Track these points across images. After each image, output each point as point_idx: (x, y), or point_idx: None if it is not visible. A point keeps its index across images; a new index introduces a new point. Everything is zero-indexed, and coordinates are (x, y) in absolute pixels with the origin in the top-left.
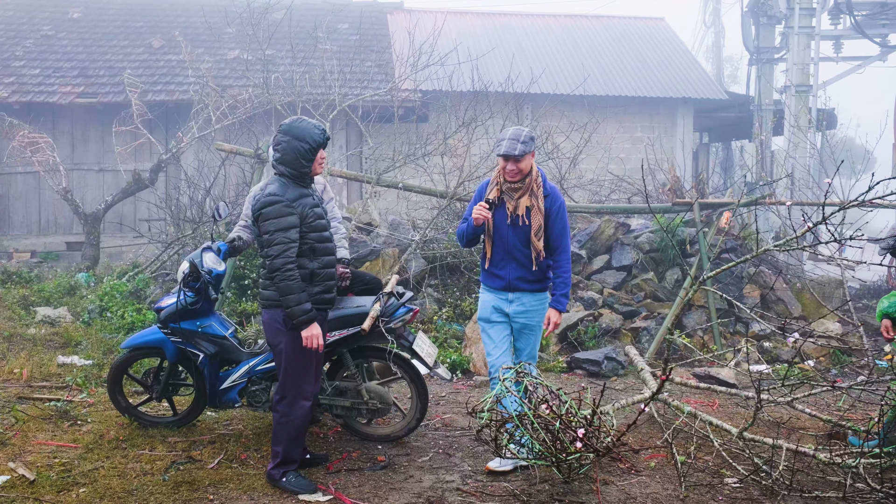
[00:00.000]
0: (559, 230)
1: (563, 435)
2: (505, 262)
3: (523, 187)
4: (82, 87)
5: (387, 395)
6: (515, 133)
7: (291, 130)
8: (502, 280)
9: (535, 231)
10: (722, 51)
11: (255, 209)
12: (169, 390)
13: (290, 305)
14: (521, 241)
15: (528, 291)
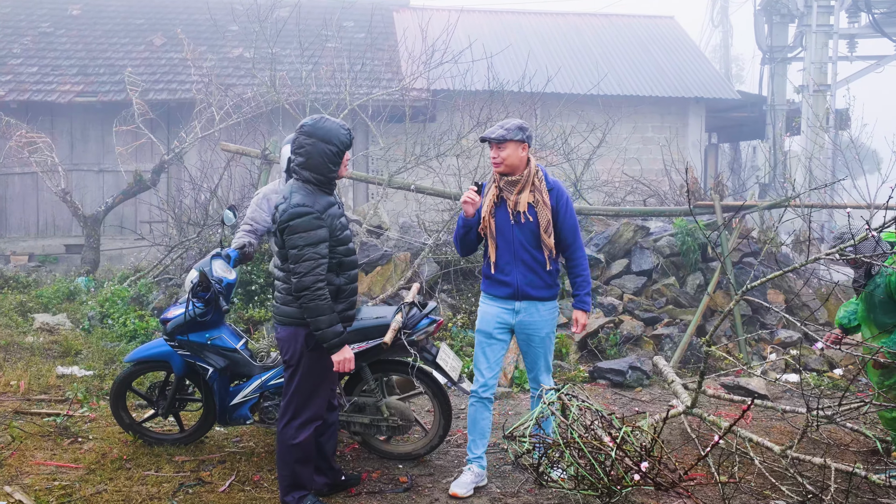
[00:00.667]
0: (570, 225)
1: (620, 465)
2: (511, 267)
3: (521, 181)
4: (82, 86)
5: (408, 411)
6: (503, 121)
7: (316, 132)
8: (509, 287)
9: (543, 227)
10: (730, 50)
11: (281, 221)
12: (175, 406)
13: (322, 328)
14: (527, 241)
15: (538, 300)
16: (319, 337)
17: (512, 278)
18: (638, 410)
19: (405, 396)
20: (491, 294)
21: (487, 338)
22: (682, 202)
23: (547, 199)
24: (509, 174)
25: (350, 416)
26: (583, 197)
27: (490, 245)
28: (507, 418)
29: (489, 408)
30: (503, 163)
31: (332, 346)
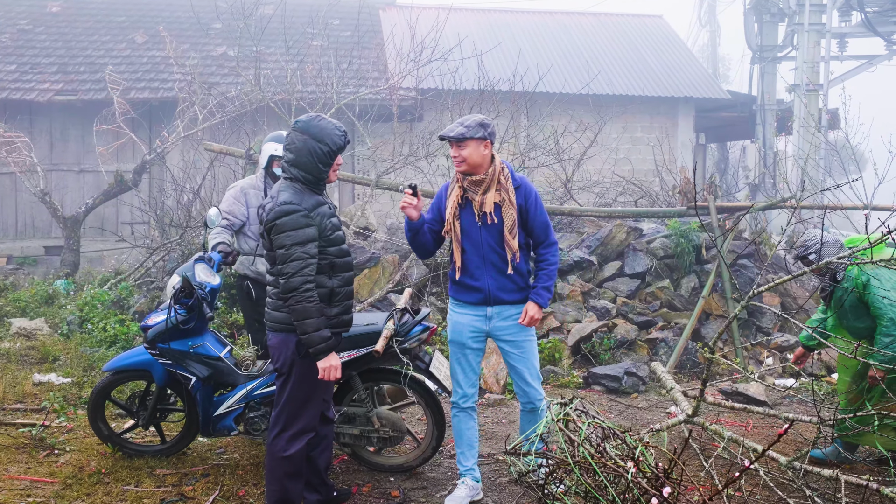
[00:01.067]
0: (542, 222)
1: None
2: (481, 271)
3: (486, 180)
4: (61, 84)
5: (400, 421)
6: (464, 117)
7: (309, 129)
8: (479, 292)
9: (508, 228)
10: (717, 50)
11: (268, 220)
12: (156, 416)
13: (308, 331)
14: (496, 243)
15: (510, 303)
16: (305, 341)
17: (482, 283)
18: (651, 427)
19: (397, 406)
20: (460, 300)
21: (461, 348)
22: (674, 203)
23: (514, 197)
24: (472, 173)
25: (339, 426)
26: (573, 198)
27: (455, 249)
28: (500, 426)
29: (473, 417)
30: (464, 162)
31: (318, 352)
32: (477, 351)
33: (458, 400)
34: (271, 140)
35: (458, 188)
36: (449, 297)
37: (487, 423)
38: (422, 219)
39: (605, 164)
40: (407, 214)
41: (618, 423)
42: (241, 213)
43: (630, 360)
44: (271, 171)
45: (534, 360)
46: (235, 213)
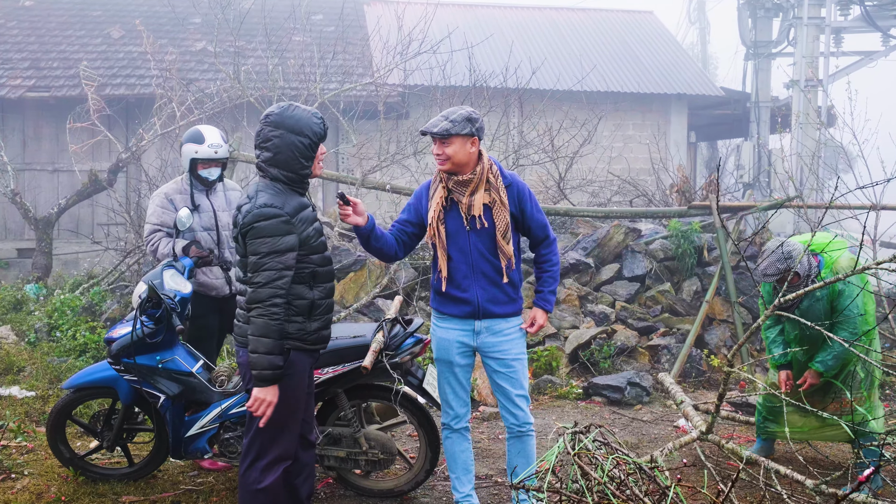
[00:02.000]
0: (540, 221)
1: None
2: (470, 281)
3: (473, 180)
4: (34, 80)
5: (390, 442)
6: (448, 110)
7: (284, 121)
8: (468, 305)
9: (501, 232)
10: (707, 47)
11: (244, 223)
12: (123, 437)
13: (258, 350)
14: (487, 249)
15: (501, 317)
16: (252, 362)
17: (471, 294)
18: (662, 447)
19: (386, 426)
20: (445, 314)
21: (449, 367)
22: (671, 202)
23: (505, 198)
24: (457, 173)
25: (324, 448)
26: (567, 198)
27: (441, 256)
28: (498, 443)
29: (467, 438)
30: (448, 160)
31: (261, 379)
32: (466, 367)
33: (449, 421)
34: (189, 141)
35: (441, 189)
36: (432, 310)
37: (483, 439)
38: (370, 222)
39: (599, 162)
40: (351, 224)
41: (624, 440)
42: (172, 220)
43: (631, 368)
44: (196, 173)
45: (524, 380)
46: (166, 222)
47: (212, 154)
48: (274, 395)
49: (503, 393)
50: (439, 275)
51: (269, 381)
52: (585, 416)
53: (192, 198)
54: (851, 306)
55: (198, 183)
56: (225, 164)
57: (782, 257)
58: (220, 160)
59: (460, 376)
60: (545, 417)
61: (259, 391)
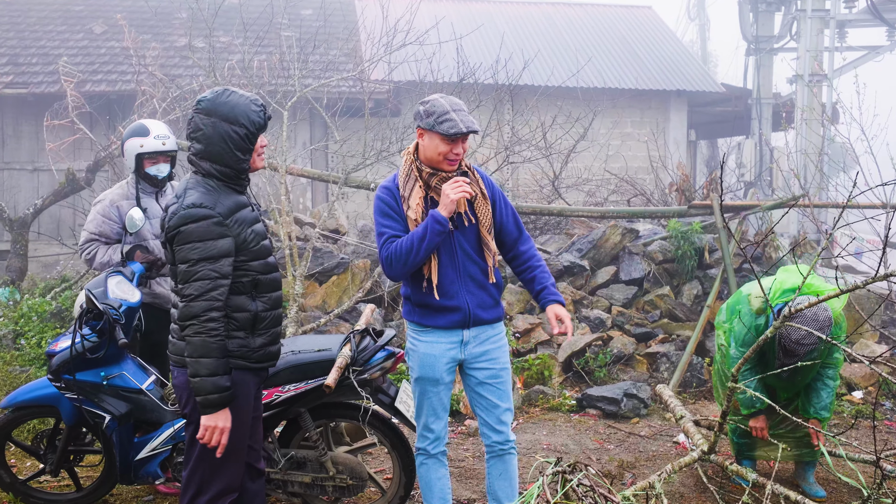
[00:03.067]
0: (513, 213)
1: None
2: (458, 286)
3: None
4: (11, 77)
5: (360, 466)
6: (457, 103)
7: (217, 109)
8: (457, 313)
9: (486, 227)
10: (707, 44)
11: (169, 227)
12: (70, 459)
13: (200, 373)
14: (473, 249)
15: (489, 322)
16: (195, 387)
17: (460, 300)
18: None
19: (356, 448)
20: (429, 326)
21: (434, 385)
22: (671, 202)
23: (486, 190)
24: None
25: (287, 473)
26: (562, 197)
27: (432, 261)
28: (483, 462)
29: (444, 463)
30: (462, 155)
31: (206, 404)
32: (450, 385)
33: (426, 446)
34: (132, 136)
35: (419, 188)
36: (409, 325)
37: (467, 457)
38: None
39: (596, 160)
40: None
41: (619, 458)
42: (114, 232)
43: (628, 377)
44: (143, 172)
45: (510, 392)
46: (107, 233)
47: (159, 146)
48: (226, 420)
49: (488, 408)
50: (424, 284)
51: (217, 406)
52: (578, 430)
53: (138, 202)
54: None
55: (146, 184)
56: (174, 160)
57: (824, 326)
58: (169, 153)
59: (443, 396)
60: (535, 432)
61: (208, 418)
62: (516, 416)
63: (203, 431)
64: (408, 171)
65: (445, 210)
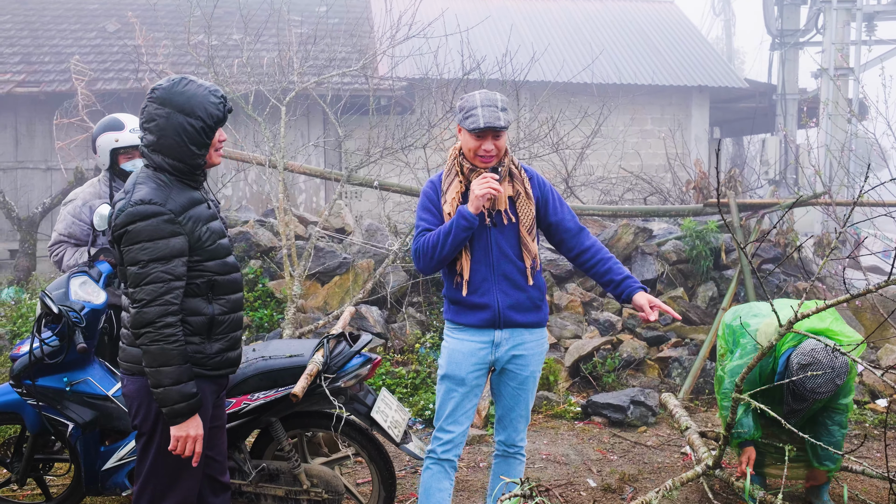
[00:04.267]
0: (568, 210)
1: None
2: (490, 284)
3: (502, 171)
4: (24, 76)
5: (336, 479)
6: (490, 98)
7: (171, 98)
8: (486, 311)
9: (527, 227)
10: (732, 40)
11: (117, 224)
12: (38, 468)
13: (162, 384)
14: (510, 248)
15: (525, 326)
16: (158, 397)
17: (490, 298)
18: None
19: (333, 460)
20: (461, 324)
21: (459, 385)
22: (688, 200)
23: (529, 189)
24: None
25: (259, 486)
26: (575, 195)
27: (464, 257)
28: (478, 473)
29: (450, 475)
30: (497, 155)
31: (173, 414)
32: (476, 389)
33: (436, 447)
34: (105, 130)
35: (458, 183)
36: (446, 323)
37: (461, 466)
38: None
39: (612, 157)
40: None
41: (622, 471)
42: (83, 233)
43: (638, 382)
44: (119, 169)
45: (531, 400)
46: (76, 234)
47: (135, 140)
48: (197, 428)
49: (505, 408)
50: (457, 279)
51: (186, 415)
52: (581, 439)
53: (111, 200)
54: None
55: (120, 181)
56: None
57: (841, 373)
58: None
59: (468, 401)
60: (535, 441)
61: (178, 428)
62: None
63: (174, 443)
64: (451, 166)
65: (472, 206)
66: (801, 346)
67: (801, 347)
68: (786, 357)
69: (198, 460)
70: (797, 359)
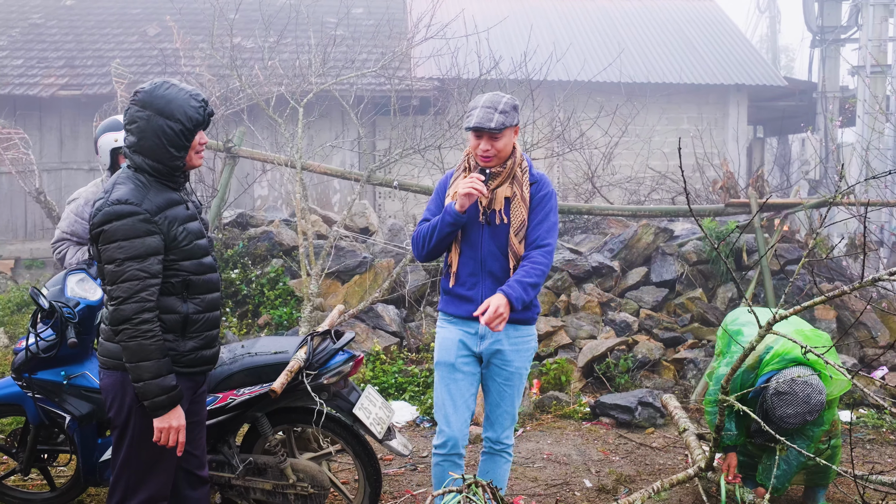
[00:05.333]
0: (539, 220)
1: None
2: (476, 279)
3: (503, 173)
4: (67, 79)
5: (320, 474)
6: (492, 99)
7: (153, 101)
8: (472, 303)
9: (515, 229)
10: (777, 37)
11: (94, 223)
12: (42, 458)
13: (143, 378)
14: (500, 247)
15: (509, 322)
16: (139, 391)
17: (476, 293)
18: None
19: (320, 455)
20: (450, 314)
21: (451, 371)
22: (717, 200)
23: (526, 193)
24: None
25: (248, 480)
26: (601, 194)
27: (454, 251)
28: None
29: (460, 465)
30: (496, 156)
31: (155, 407)
32: (469, 377)
33: (440, 443)
34: (107, 130)
35: (462, 178)
36: (439, 313)
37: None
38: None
39: (639, 157)
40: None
41: (619, 472)
42: (85, 231)
43: (652, 383)
44: (119, 168)
45: (516, 398)
46: (78, 232)
47: None
48: (179, 419)
49: (491, 404)
50: (448, 270)
51: (167, 407)
52: (586, 440)
53: None
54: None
55: None
56: None
57: (813, 410)
58: None
59: (462, 386)
60: (539, 441)
61: (160, 420)
62: (525, 423)
63: (158, 434)
64: (461, 163)
65: (457, 204)
66: (784, 372)
67: (783, 373)
68: (767, 377)
69: (182, 451)
70: (775, 384)
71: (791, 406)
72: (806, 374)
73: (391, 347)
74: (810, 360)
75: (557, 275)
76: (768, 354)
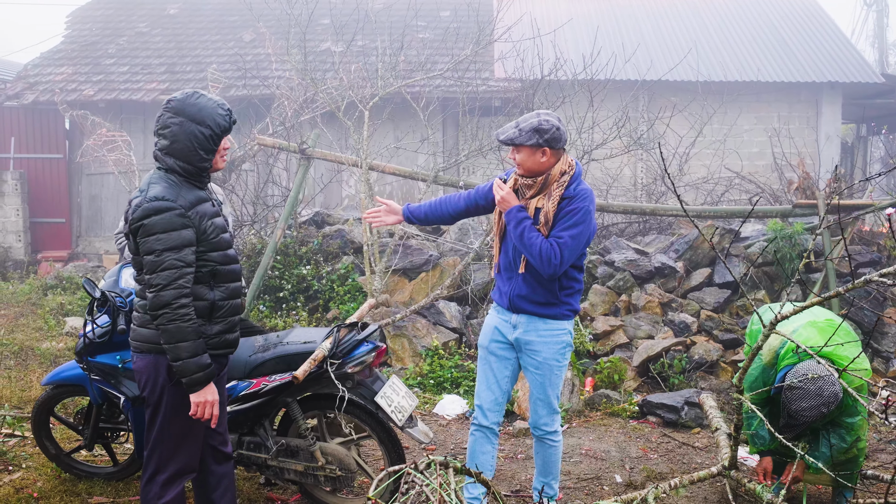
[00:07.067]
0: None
1: None
2: (509, 273)
3: (535, 186)
4: (167, 84)
5: (348, 458)
6: (523, 118)
7: (185, 109)
8: (504, 296)
9: None
10: (885, 32)
11: (133, 219)
12: (105, 436)
13: (181, 357)
14: None
15: (535, 316)
16: (178, 369)
17: (507, 286)
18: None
19: (349, 440)
20: (494, 301)
21: (486, 353)
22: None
23: (553, 208)
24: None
25: (280, 461)
26: (676, 194)
27: (496, 244)
28: (513, 463)
29: (492, 440)
30: (520, 166)
31: (193, 383)
32: (502, 360)
33: (476, 415)
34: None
35: (512, 181)
36: None
37: (500, 457)
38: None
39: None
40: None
41: (651, 469)
42: None
43: (707, 384)
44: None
45: (553, 388)
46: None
47: None
48: (214, 394)
49: (532, 393)
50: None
51: (203, 383)
52: (629, 437)
53: None
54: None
55: None
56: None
57: (829, 402)
58: None
59: (495, 368)
60: (581, 437)
61: (197, 395)
62: (572, 419)
63: (195, 408)
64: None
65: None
66: (797, 367)
67: (796, 368)
68: (784, 373)
69: (216, 422)
70: (789, 379)
71: (805, 399)
72: (816, 366)
73: (450, 343)
74: (824, 352)
75: (619, 274)
76: (783, 349)
